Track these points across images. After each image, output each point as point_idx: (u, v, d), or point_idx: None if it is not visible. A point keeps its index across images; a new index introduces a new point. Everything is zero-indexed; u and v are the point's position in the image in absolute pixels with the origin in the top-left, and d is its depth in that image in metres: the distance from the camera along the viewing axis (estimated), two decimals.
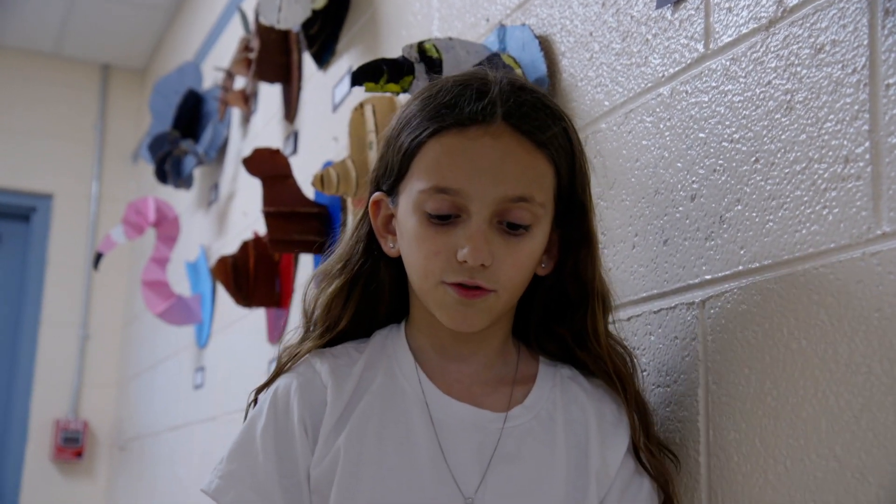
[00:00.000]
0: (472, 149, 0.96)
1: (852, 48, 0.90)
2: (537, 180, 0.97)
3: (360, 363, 1.01)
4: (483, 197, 0.95)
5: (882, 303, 0.84)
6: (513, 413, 1.00)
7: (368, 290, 1.05)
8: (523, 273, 0.99)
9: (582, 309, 1.04)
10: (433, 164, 0.96)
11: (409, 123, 1.00)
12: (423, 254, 0.97)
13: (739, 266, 1.01)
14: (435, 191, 0.96)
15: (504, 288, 0.97)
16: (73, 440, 4.35)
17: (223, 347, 2.94)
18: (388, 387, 1.00)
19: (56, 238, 4.53)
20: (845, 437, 0.86)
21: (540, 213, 0.97)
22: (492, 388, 1.02)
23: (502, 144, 0.96)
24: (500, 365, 1.04)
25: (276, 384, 1.02)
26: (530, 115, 0.98)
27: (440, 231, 0.96)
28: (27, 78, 4.58)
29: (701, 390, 1.05)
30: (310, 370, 1.01)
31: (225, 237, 3.02)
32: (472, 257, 0.94)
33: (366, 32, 2.11)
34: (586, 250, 1.03)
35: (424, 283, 0.98)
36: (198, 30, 3.76)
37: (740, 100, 1.03)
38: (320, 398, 0.99)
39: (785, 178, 0.96)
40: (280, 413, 0.99)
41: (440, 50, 1.39)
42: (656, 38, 1.17)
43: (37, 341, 4.43)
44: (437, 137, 0.97)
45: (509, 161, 0.96)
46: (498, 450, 0.97)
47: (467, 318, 0.97)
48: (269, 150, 2.21)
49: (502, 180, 0.95)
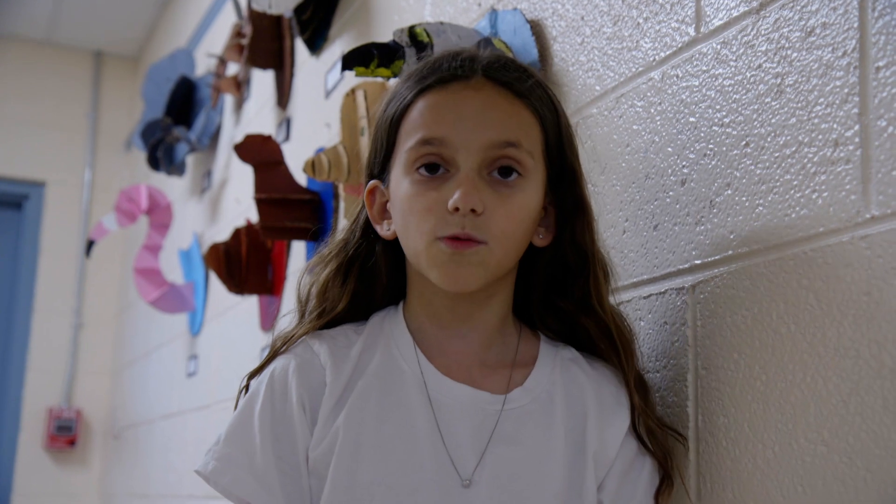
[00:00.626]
0: (455, 100, 0.98)
1: (842, 31, 0.89)
2: (522, 127, 0.98)
3: (359, 344, 1.00)
4: (469, 144, 0.95)
5: (871, 286, 0.84)
6: (512, 395, 0.99)
7: (364, 272, 1.04)
8: (516, 226, 0.97)
9: (583, 276, 1.03)
10: (418, 120, 0.98)
11: (394, 97, 1.02)
12: (417, 213, 0.96)
13: (729, 251, 1.01)
14: (421, 143, 0.97)
15: (496, 240, 0.96)
16: (67, 428, 4.35)
17: (216, 335, 2.94)
18: (386, 367, 0.99)
19: (49, 226, 4.52)
20: (833, 421, 0.86)
21: (528, 162, 0.97)
22: (491, 370, 1.01)
23: (483, 94, 0.98)
24: (500, 345, 1.03)
25: (272, 365, 1.00)
26: (509, 68, 1.00)
27: (431, 187, 0.96)
28: (19, 65, 4.56)
29: (690, 375, 1.05)
30: (308, 351, 1.00)
31: (218, 224, 3.02)
32: (462, 202, 0.93)
33: (358, 18, 2.10)
34: (581, 218, 1.02)
35: (420, 243, 0.97)
36: (190, 16, 3.75)
37: (731, 83, 1.03)
38: (319, 379, 0.98)
39: (775, 162, 0.96)
40: (278, 395, 0.98)
41: (431, 34, 1.38)
42: (647, 21, 1.17)
43: (30, 329, 4.43)
44: (421, 97, 0.99)
45: (492, 108, 0.98)
46: (496, 432, 0.97)
47: (460, 274, 0.95)
48: (261, 136, 2.20)
49: (487, 126, 0.96)
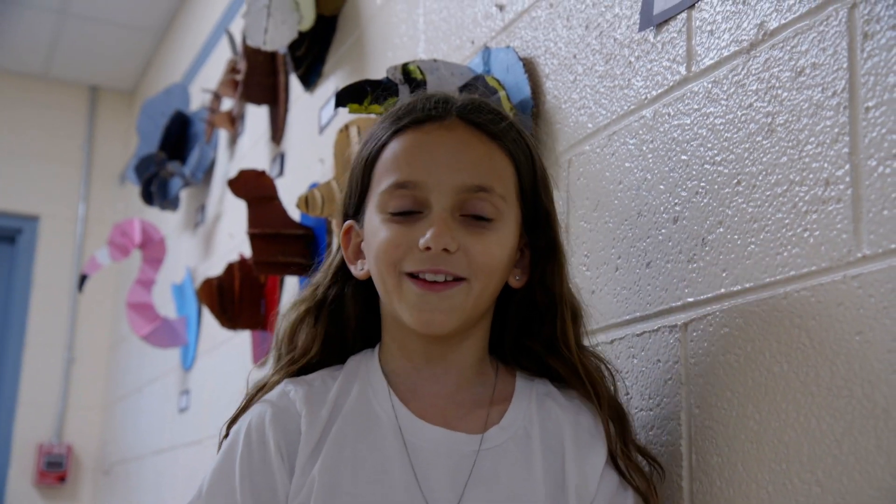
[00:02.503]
0: (428, 141, 0.98)
1: (832, 71, 0.90)
2: (495, 171, 0.98)
3: (334, 389, 1.00)
4: (441, 186, 0.96)
5: (863, 326, 0.84)
6: (488, 434, 0.98)
7: (336, 315, 1.04)
8: (495, 262, 0.97)
9: (550, 318, 1.03)
10: (391, 162, 0.98)
11: (370, 138, 1.02)
12: (384, 246, 0.96)
13: (721, 289, 1.01)
14: (395, 187, 0.97)
15: (475, 276, 0.95)
16: (57, 464, 4.31)
17: (209, 370, 2.92)
18: (361, 412, 0.98)
19: (42, 260, 4.51)
20: (827, 461, 0.86)
21: (501, 205, 0.97)
22: (467, 410, 1.00)
23: (457, 136, 0.98)
24: (477, 384, 1.02)
25: (249, 415, 0.99)
26: (483, 110, 1.01)
27: (403, 225, 0.96)
28: (15, 99, 4.57)
29: (683, 414, 1.04)
30: (284, 398, 0.99)
31: (211, 259, 3.01)
32: (434, 241, 0.93)
33: (352, 54, 2.12)
34: (553, 260, 1.03)
35: (389, 279, 0.96)
36: (186, 52, 3.77)
37: (722, 122, 1.03)
38: (295, 426, 0.97)
39: (766, 201, 0.96)
40: (255, 444, 0.96)
41: (424, 71, 1.39)
42: (639, 60, 1.17)
43: (21, 363, 4.40)
44: (395, 138, 0.99)
45: (465, 151, 0.98)
46: (473, 473, 0.95)
47: (434, 316, 0.95)
48: (255, 171, 2.20)
49: (459, 169, 0.96)
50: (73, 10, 4.08)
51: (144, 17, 4.14)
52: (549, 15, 1.37)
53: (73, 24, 4.18)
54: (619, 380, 1.07)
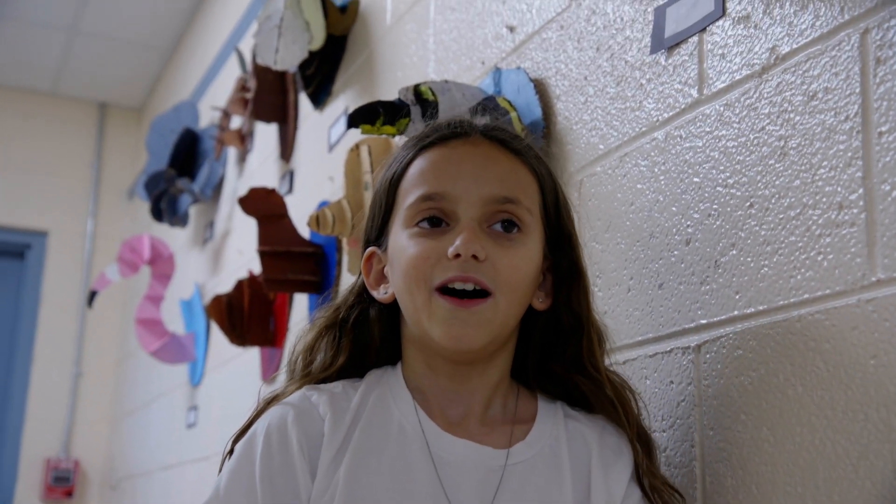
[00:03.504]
0: (454, 155, 1.00)
1: (844, 96, 0.91)
2: (520, 184, 1.00)
3: (357, 398, 0.99)
4: (469, 197, 0.97)
5: (878, 350, 0.84)
6: (515, 450, 0.98)
7: (357, 333, 1.04)
8: (522, 277, 0.97)
9: (576, 339, 1.03)
10: (418, 177, 1.00)
11: (394, 159, 1.04)
12: (413, 261, 0.96)
13: (735, 311, 1.01)
14: (422, 200, 0.98)
15: (502, 290, 0.95)
16: (64, 479, 4.31)
17: (217, 386, 2.93)
18: (386, 423, 0.98)
19: (50, 275, 4.52)
20: (843, 485, 0.86)
21: (527, 218, 0.99)
22: (491, 428, 1.00)
23: (482, 150, 1.01)
24: (499, 405, 1.02)
25: (267, 417, 0.98)
26: (505, 130, 1.05)
27: (430, 237, 0.97)
28: (25, 115, 4.60)
29: (697, 435, 1.04)
30: (305, 402, 0.98)
31: (220, 275, 3.02)
32: (463, 247, 0.94)
33: (362, 74, 2.13)
34: (577, 282, 1.03)
35: (419, 295, 0.96)
36: (195, 69, 3.79)
37: (734, 145, 1.04)
38: (318, 429, 0.96)
39: (779, 224, 0.97)
40: (276, 445, 0.95)
41: (436, 92, 1.40)
42: (650, 82, 1.18)
43: (29, 378, 4.41)
44: (421, 154, 1.01)
45: (491, 164, 1.00)
46: (501, 487, 0.95)
47: (465, 331, 0.95)
48: (265, 189, 2.21)
49: (486, 181, 0.98)
50: (82, 28, 4.11)
51: (154, 35, 4.17)
52: (560, 36, 1.37)
53: (82, 41, 4.21)
54: (643, 404, 1.06)
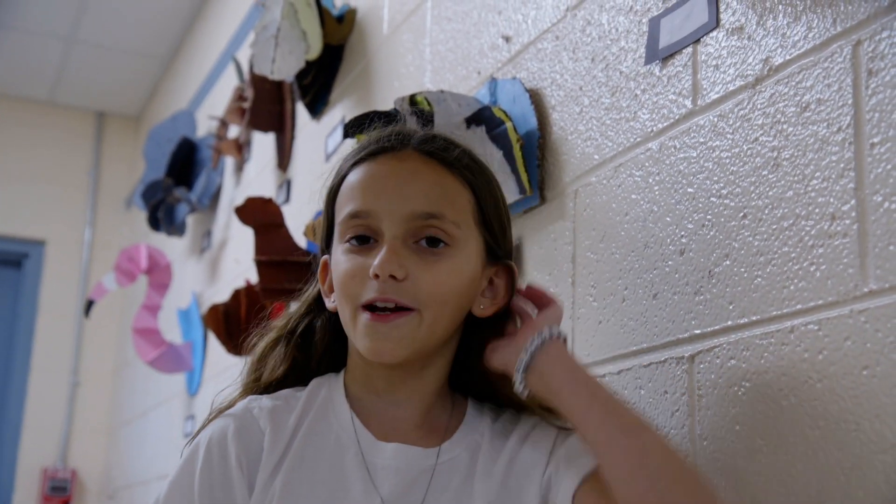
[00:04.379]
0: (380, 172, 1.01)
1: (837, 107, 0.91)
2: (446, 197, 1.00)
3: (298, 409, 1.01)
4: (391, 215, 0.98)
5: (870, 360, 0.84)
6: (444, 447, 1.01)
7: (305, 342, 1.06)
8: (445, 292, 0.98)
9: None
10: (348, 193, 1.02)
11: (334, 171, 1.07)
12: (342, 278, 0.99)
13: (728, 321, 1.01)
14: (350, 217, 1.00)
15: (425, 306, 0.97)
16: (61, 489, 4.30)
17: (214, 395, 2.92)
18: (322, 433, 1.00)
19: (48, 284, 4.52)
20: (836, 495, 0.86)
21: (455, 232, 0.99)
22: (425, 433, 1.02)
23: (409, 165, 1.01)
24: (437, 410, 1.04)
25: (210, 428, 1.00)
26: (437, 141, 1.04)
27: (359, 254, 0.99)
28: (22, 124, 4.60)
29: (691, 445, 1.04)
30: (247, 414, 1.00)
31: (217, 285, 3.02)
32: (380, 268, 0.95)
33: (359, 83, 2.13)
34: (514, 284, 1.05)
35: (346, 311, 0.99)
36: (192, 78, 3.79)
37: (728, 156, 1.04)
38: (257, 442, 0.98)
39: (773, 235, 0.97)
40: (216, 458, 0.97)
41: (431, 103, 1.40)
42: (645, 93, 1.19)
43: (26, 388, 4.41)
44: (353, 170, 1.03)
45: (415, 179, 1.00)
46: (431, 486, 0.98)
47: (384, 345, 0.97)
48: (262, 199, 2.21)
49: (409, 197, 0.99)
50: (80, 37, 4.12)
51: (151, 44, 4.18)
52: (556, 47, 1.38)
53: (80, 50, 4.22)
54: None
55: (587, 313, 1.25)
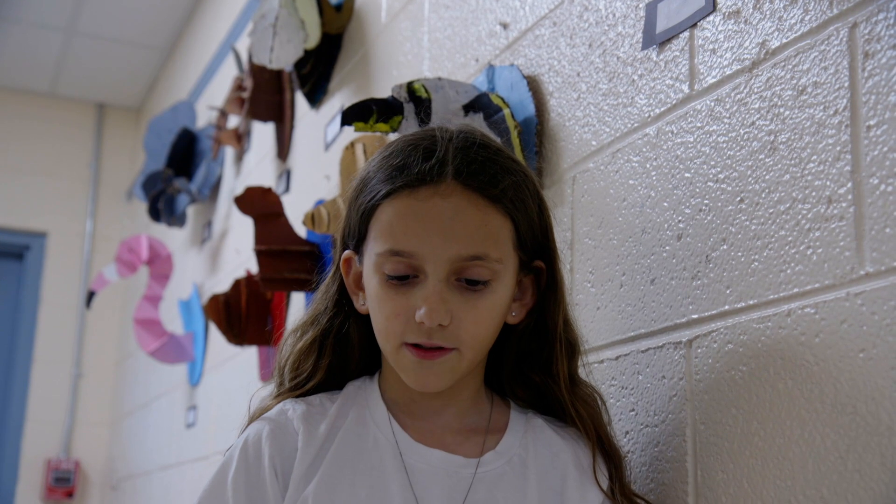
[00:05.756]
0: (423, 210, 0.96)
1: (833, 90, 0.91)
2: (491, 237, 0.97)
3: (333, 411, 1.01)
4: (436, 258, 0.95)
5: (866, 343, 0.84)
6: (485, 459, 1.00)
7: (338, 345, 1.05)
8: (485, 329, 0.99)
9: (547, 353, 1.04)
10: (387, 228, 0.97)
11: (365, 186, 1.01)
12: (384, 315, 0.98)
13: (726, 305, 1.01)
14: (390, 254, 0.96)
15: (466, 346, 0.97)
16: (65, 480, 4.31)
17: (215, 386, 2.93)
18: (360, 435, 1.00)
19: (50, 276, 4.52)
20: (832, 478, 0.86)
21: (497, 268, 0.97)
22: (464, 437, 1.02)
23: (452, 204, 0.96)
24: (474, 415, 1.04)
25: (246, 431, 1.01)
26: (480, 171, 0.97)
27: (399, 292, 0.97)
28: (22, 117, 4.60)
29: (689, 430, 1.04)
30: (282, 416, 1.00)
31: (218, 275, 3.02)
32: (428, 318, 0.94)
33: (357, 72, 2.13)
34: (552, 295, 1.03)
35: (387, 345, 0.99)
36: (192, 69, 3.79)
37: (725, 140, 1.04)
38: (292, 444, 0.98)
39: (769, 218, 0.97)
40: (251, 460, 0.98)
41: (429, 90, 1.40)
42: (642, 78, 1.18)
43: (29, 380, 4.41)
44: (390, 200, 0.97)
45: (460, 220, 0.96)
46: (470, 496, 0.97)
47: (429, 379, 0.97)
48: (261, 188, 2.21)
49: (454, 240, 0.95)
50: (79, 29, 4.11)
51: (151, 36, 4.17)
52: (553, 33, 1.38)
53: (79, 42, 4.21)
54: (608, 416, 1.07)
55: (585, 299, 1.25)
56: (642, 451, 1.11)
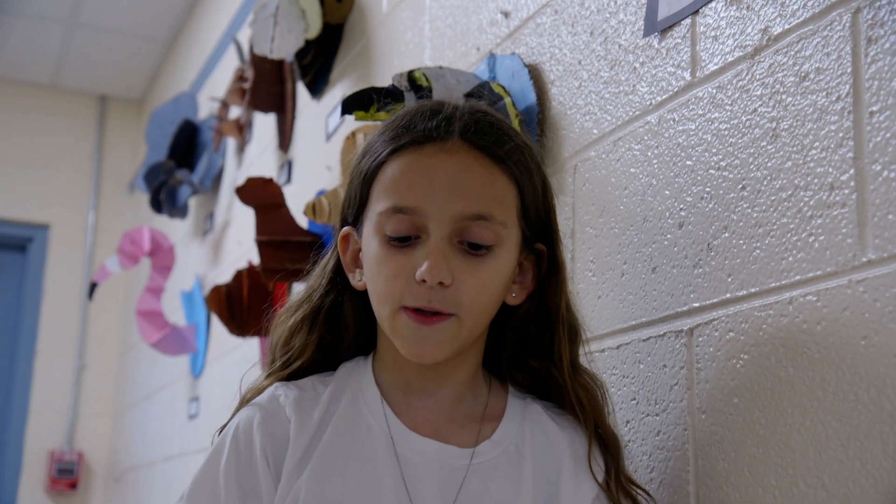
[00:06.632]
0: (428, 166, 0.95)
1: (836, 76, 0.90)
2: (496, 198, 0.96)
3: (325, 396, 0.99)
4: (440, 214, 0.93)
5: (868, 330, 0.84)
6: (480, 449, 0.98)
7: (332, 322, 1.02)
8: (487, 296, 0.96)
9: (548, 338, 1.02)
10: (391, 184, 0.96)
11: (369, 150, 1.00)
12: (384, 277, 0.95)
13: (727, 294, 1.01)
14: (393, 211, 0.95)
15: (466, 311, 0.94)
16: (68, 471, 4.32)
17: (218, 377, 2.93)
18: (353, 422, 0.98)
19: (52, 268, 4.53)
20: (833, 466, 0.86)
21: (502, 232, 0.95)
22: (459, 425, 1.00)
23: (458, 160, 0.95)
24: (470, 400, 1.02)
25: (237, 417, 0.99)
26: (487, 131, 0.97)
27: (400, 252, 0.94)
28: (24, 109, 4.60)
29: (689, 419, 1.04)
30: (273, 403, 0.98)
31: (220, 266, 3.02)
32: (429, 274, 0.92)
33: (359, 62, 2.12)
34: (554, 278, 1.01)
35: (384, 309, 0.96)
36: (193, 61, 3.78)
37: (727, 127, 1.03)
38: (283, 432, 0.96)
39: (771, 206, 0.96)
40: (242, 448, 0.96)
41: (430, 78, 1.39)
42: (644, 66, 1.18)
43: (32, 371, 4.42)
44: (395, 157, 0.96)
45: (466, 177, 0.95)
46: (464, 487, 0.95)
47: (426, 348, 0.95)
48: (262, 179, 2.21)
49: (459, 196, 0.94)
50: (81, 21, 4.11)
51: (152, 27, 4.16)
52: (554, 21, 1.37)
53: (81, 34, 4.20)
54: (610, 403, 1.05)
55: (586, 288, 1.25)
56: (643, 440, 1.11)
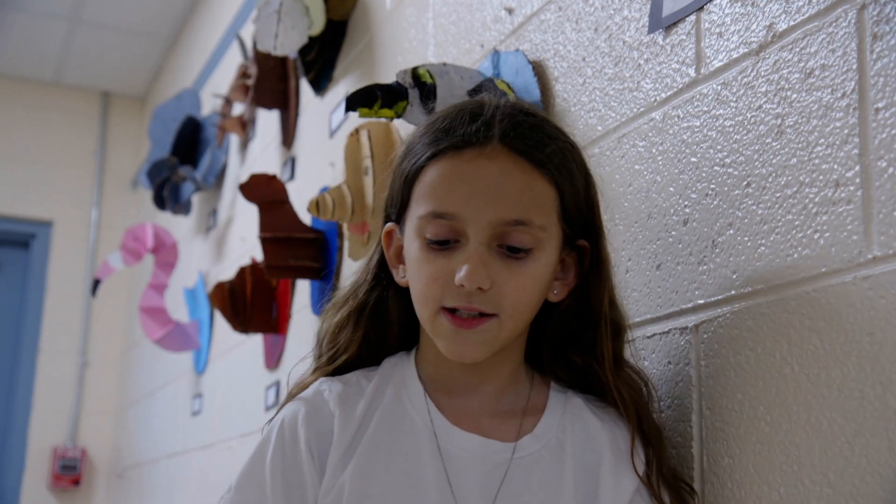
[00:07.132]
0: (468, 171, 0.95)
1: (841, 72, 0.90)
2: (535, 202, 0.96)
3: (369, 391, 1.00)
4: (479, 220, 0.94)
5: (874, 327, 0.84)
6: (522, 443, 0.98)
7: (377, 318, 1.04)
8: (527, 297, 0.96)
9: (591, 335, 1.02)
10: (430, 189, 0.96)
11: (410, 151, 1.00)
12: (423, 279, 0.96)
13: (732, 290, 1.01)
14: (433, 216, 0.95)
15: (507, 313, 0.95)
16: (71, 468, 4.33)
17: (221, 374, 2.93)
18: (396, 416, 0.99)
19: (55, 265, 4.53)
20: (839, 462, 0.86)
21: (541, 236, 0.96)
22: (501, 420, 1.00)
23: (498, 165, 0.95)
24: (512, 394, 1.02)
25: (283, 412, 1.00)
26: (526, 135, 0.97)
27: (440, 255, 0.95)
28: (27, 105, 4.60)
29: (695, 416, 1.04)
30: (318, 398, 1.00)
31: (223, 263, 3.02)
32: (468, 279, 0.93)
33: (362, 58, 2.12)
34: (597, 274, 1.02)
35: (424, 311, 0.97)
36: (196, 57, 3.78)
37: (731, 124, 1.03)
38: (328, 427, 0.97)
39: (776, 203, 0.96)
40: (287, 442, 0.97)
41: (434, 75, 1.39)
42: (648, 62, 1.18)
43: (35, 368, 4.43)
44: (434, 162, 0.97)
45: (505, 182, 0.95)
46: (506, 481, 0.96)
47: (466, 349, 0.96)
48: (266, 175, 2.21)
49: (498, 202, 0.94)
50: (84, 17, 4.10)
51: (155, 24, 4.16)
52: (559, 18, 1.37)
53: (84, 31, 4.20)
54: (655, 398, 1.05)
55: None
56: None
